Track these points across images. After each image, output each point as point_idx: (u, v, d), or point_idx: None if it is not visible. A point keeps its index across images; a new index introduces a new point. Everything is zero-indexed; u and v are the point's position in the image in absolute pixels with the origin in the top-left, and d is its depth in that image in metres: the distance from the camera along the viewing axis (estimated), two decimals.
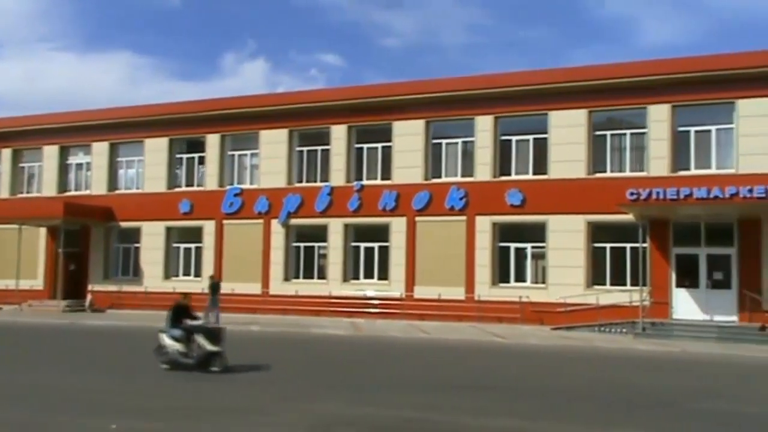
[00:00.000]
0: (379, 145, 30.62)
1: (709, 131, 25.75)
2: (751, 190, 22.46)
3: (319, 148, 31.71)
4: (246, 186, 32.72)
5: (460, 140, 29.39)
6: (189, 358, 14.45)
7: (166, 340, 14.70)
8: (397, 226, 29.57)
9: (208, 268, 32.41)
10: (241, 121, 32.84)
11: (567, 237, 26.77)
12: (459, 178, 29.05)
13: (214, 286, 26.92)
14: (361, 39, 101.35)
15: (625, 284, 25.96)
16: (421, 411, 10.40)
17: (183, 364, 14.39)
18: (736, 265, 24.62)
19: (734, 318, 24.20)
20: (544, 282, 27.34)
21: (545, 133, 27.76)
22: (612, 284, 26.20)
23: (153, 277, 33.51)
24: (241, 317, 29.05)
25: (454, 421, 9.75)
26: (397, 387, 12.71)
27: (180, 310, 14.99)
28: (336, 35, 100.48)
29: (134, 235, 34.40)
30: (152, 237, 33.83)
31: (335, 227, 30.69)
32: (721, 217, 24.77)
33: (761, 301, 23.60)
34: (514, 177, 28.19)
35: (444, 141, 29.64)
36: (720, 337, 22.78)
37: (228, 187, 32.84)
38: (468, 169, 29.04)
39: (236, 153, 33.39)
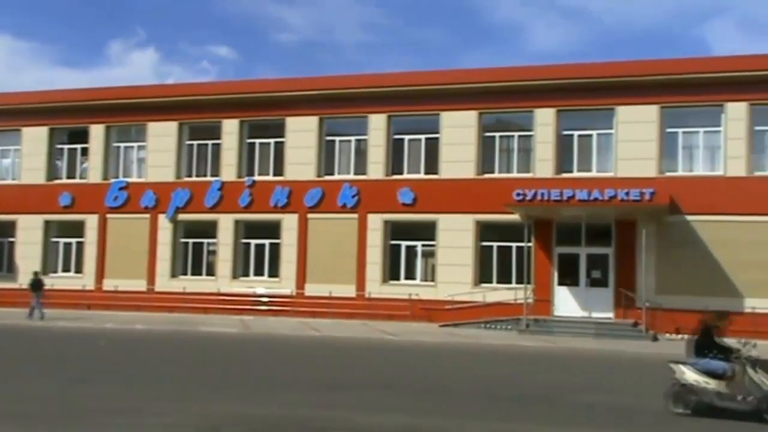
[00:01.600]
0: (272, 141, 30.28)
1: (590, 136, 26.91)
2: (628, 193, 23.67)
3: (210, 142, 31.03)
4: (132, 179, 31.62)
5: (353, 138, 29.46)
6: (733, 401, 10.36)
7: (692, 375, 10.74)
8: (289, 222, 29.34)
9: (90, 264, 31.14)
10: (128, 112, 31.69)
11: (456, 236, 27.33)
12: (352, 176, 29.12)
13: (36, 283, 26.38)
14: (255, 33, 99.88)
15: (510, 282, 26.76)
16: (312, 409, 10.34)
17: (726, 407, 10.42)
18: (613, 265, 25.86)
19: (611, 315, 25.43)
20: (433, 280, 27.81)
21: (437, 133, 28.23)
22: (498, 282, 26.96)
23: (29, 274, 31.82)
24: (124, 315, 28.05)
25: (347, 418, 9.75)
26: (287, 386, 12.60)
27: (708, 333, 11.15)
28: (229, 28, 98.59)
29: (9, 228, 32.58)
30: (29, 231, 32.13)
31: (225, 223, 30.12)
32: (601, 218, 25.96)
33: (635, 299, 24.88)
34: (406, 176, 28.52)
35: (337, 138, 29.63)
36: (597, 333, 23.86)
37: (113, 181, 31.63)
38: (361, 167, 29.16)
39: (122, 145, 32.20)
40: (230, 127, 30.54)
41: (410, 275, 28.32)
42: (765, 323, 23.42)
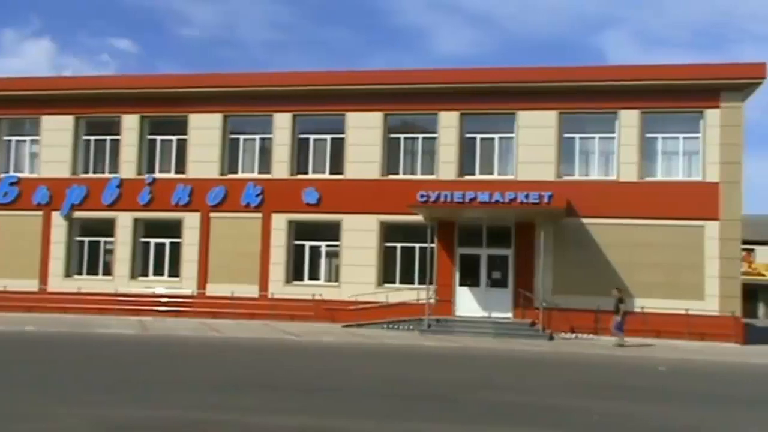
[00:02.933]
0: (174, 138, 29.55)
1: (492, 139, 27.49)
2: (527, 196, 24.30)
3: (108, 137, 30.03)
4: (24, 175, 30.22)
5: (257, 136, 29.10)
6: None
7: None
8: (191, 221, 28.70)
9: None
10: (21, 104, 30.28)
11: (360, 236, 27.41)
12: (256, 175, 28.76)
13: None
14: (157, 26, 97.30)
15: (413, 283, 27.04)
16: (210, 411, 10.13)
17: None
18: (512, 266, 26.53)
19: (509, 315, 26.07)
20: (337, 280, 27.79)
21: (342, 133, 28.23)
22: (401, 283, 27.19)
23: None
24: (13, 317, 26.76)
25: (244, 420, 9.59)
26: (184, 387, 12.30)
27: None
28: (131, 20, 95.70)
29: None
30: None
31: (124, 221, 29.20)
32: (501, 220, 26.57)
33: (533, 299, 25.59)
34: (310, 175, 28.39)
35: (241, 136, 29.21)
36: (497, 332, 24.41)
37: (3, 176, 30.15)
38: (265, 165, 28.84)
39: (14, 139, 30.74)
40: (130, 123, 29.63)
41: (314, 275, 28.21)
42: (654, 322, 24.59)
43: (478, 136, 27.52)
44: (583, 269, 25.63)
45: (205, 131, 28.99)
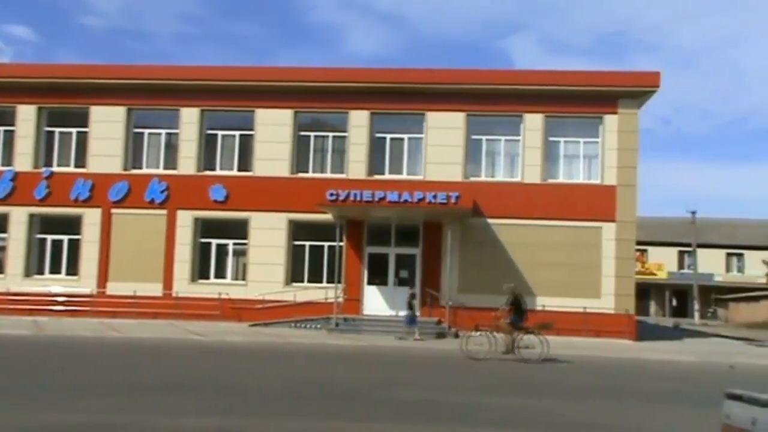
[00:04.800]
0: (74, 130, 28.48)
1: (402, 139, 27.75)
2: (435, 196, 24.66)
3: (2, 128, 28.64)
4: None
5: (163, 131, 28.40)
6: None
7: None
8: (91, 217, 27.72)
9: None
10: None
11: (269, 234, 27.15)
12: (161, 170, 28.06)
13: None
14: (57, 13, 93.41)
15: (321, 281, 27.01)
16: (110, 414, 9.81)
17: None
18: (420, 265, 26.86)
19: (417, 313, 26.28)
20: (244, 279, 27.44)
21: (251, 130, 27.90)
22: (310, 281, 27.10)
23: None
24: None
25: (146, 422, 9.34)
26: (83, 390, 11.86)
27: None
28: (28, 6, 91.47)
29: None
30: None
31: (18, 217, 27.92)
32: (409, 220, 26.87)
33: (440, 298, 25.99)
34: (218, 172, 27.94)
35: (146, 131, 28.44)
36: (403, 330, 24.60)
37: None
38: (171, 161, 28.17)
39: None
40: (26, 114, 28.35)
41: (221, 274, 27.76)
42: (553, 319, 25.29)
43: (388, 136, 27.72)
44: (488, 268, 26.21)
45: (107, 124, 28.05)
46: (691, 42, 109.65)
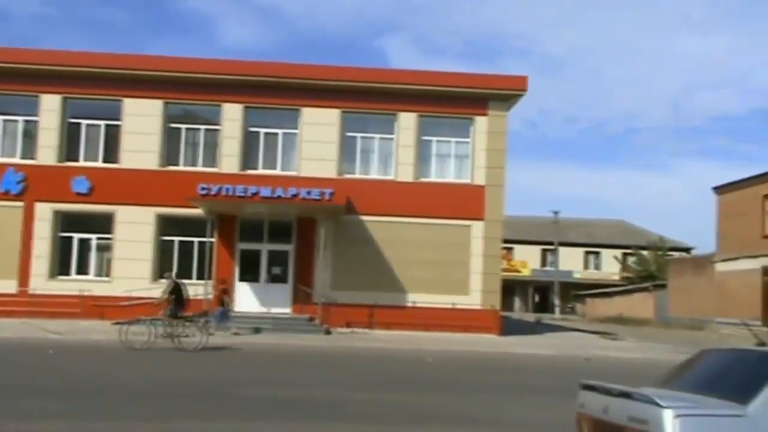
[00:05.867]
0: None
1: (276, 134, 27.46)
2: (309, 192, 24.56)
3: None
4: None
5: (21, 118, 26.78)
6: None
7: None
8: None
9: None
10: None
11: (135, 229, 26.16)
12: (18, 160, 26.45)
13: None
14: None
15: (191, 278, 26.26)
16: None
17: None
18: (293, 261, 26.70)
19: (288, 310, 26.22)
20: (108, 275, 26.33)
21: (118, 120, 26.78)
22: (179, 278, 26.20)
23: None
24: None
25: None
26: None
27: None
28: None
29: None
30: None
31: None
32: (283, 216, 26.66)
33: (312, 295, 25.93)
34: (82, 163, 26.65)
35: (1, 117, 26.70)
36: (275, 328, 24.40)
37: None
38: (29, 150, 26.60)
39: None
40: None
41: (83, 270, 26.49)
42: (423, 316, 25.86)
43: (262, 131, 27.35)
44: (361, 265, 26.37)
45: None
46: (557, 49, 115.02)
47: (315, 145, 27.00)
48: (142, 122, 26.62)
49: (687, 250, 62.49)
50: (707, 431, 4.88)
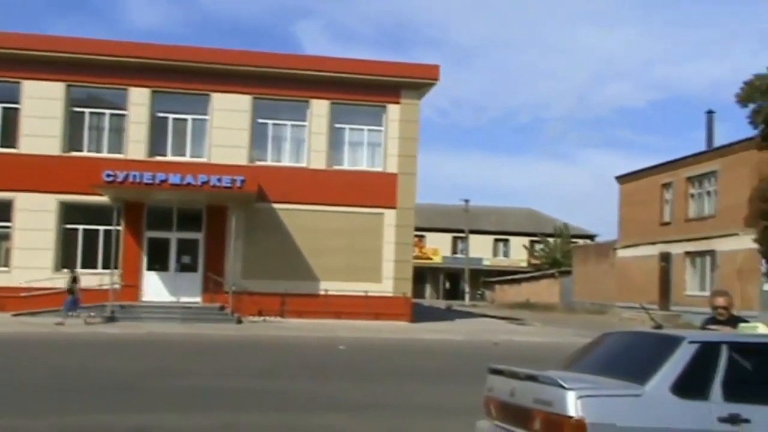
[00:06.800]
0: None
1: (186, 120, 26.84)
2: (220, 180, 24.13)
3: None
4: None
5: None
6: None
7: None
8: None
9: None
10: None
11: (36, 217, 25.11)
12: None
13: None
14: None
15: (96, 267, 25.48)
16: None
17: None
18: (203, 250, 26.24)
19: (199, 299, 25.78)
20: (7, 265, 25.22)
21: (17, 103, 25.60)
22: (84, 267, 25.41)
23: None
24: None
25: None
26: None
27: None
28: None
29: None
30: None
31: None
32: (193, 204, 26.14)
33: (223, 283, 25.57)
34: None
35: None
36: (185, 317, 23.94)
37: None
38: None
39: None
40: None
41: None
42: (336, 304, 25.89)
43: (171, 116, 26.68)
44: (273, 253, 26.14)
45: None
46: (468, 39, 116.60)
47: (226, 132, 26.54)
48: (43, 106, 25.50)
49: (591, 237, 64.71)
50: (608, 410, 5.08)
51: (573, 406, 5.01)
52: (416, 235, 40.15)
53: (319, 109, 27.27)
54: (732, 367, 5.38)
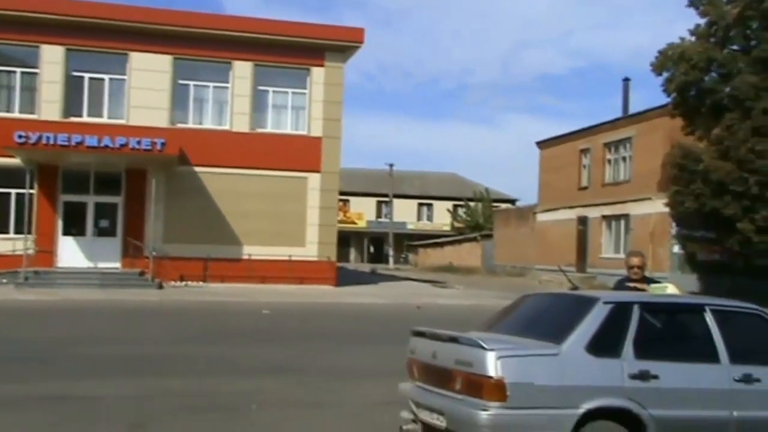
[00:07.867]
0: None
1: (103, 80, 25.91)
2: (139, 142, 23.47)
3: None
4: None
5: None
6: None
7: None
8: None
9: None
10: None
11: None
12: None
13: None
14: None
15: (8, 232, 24.54)
16: None
17: None
18: (122, 214, 25.58)
19: (118, 264, 25.19)
20: None
21: None
22: None
23: None
24: None
25: None
26: None
27: None
28: None
29: None
30: None
31: None
32: (111, 167, 25.39)
33: (143, 248, 25.02)
34: None
35: None
36: (103, 283, 23.39)
37: None
38: None
39: None
40: None
41: None
42: (259, 268, 25.72)
43: (87, 75, 25.68)
44: (195, 218, 25.67)
45: None
46: (393, 3, 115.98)
47: (145, 93, 25.73)
48: None
49: (512, 201, 65.93)
50: (527, 370, 5.25)
51: (493, 366, 5.16)
52: (341, 200, 40.17)
53: (242, 70, 26.73)
54: (643, 326, 5.63)
